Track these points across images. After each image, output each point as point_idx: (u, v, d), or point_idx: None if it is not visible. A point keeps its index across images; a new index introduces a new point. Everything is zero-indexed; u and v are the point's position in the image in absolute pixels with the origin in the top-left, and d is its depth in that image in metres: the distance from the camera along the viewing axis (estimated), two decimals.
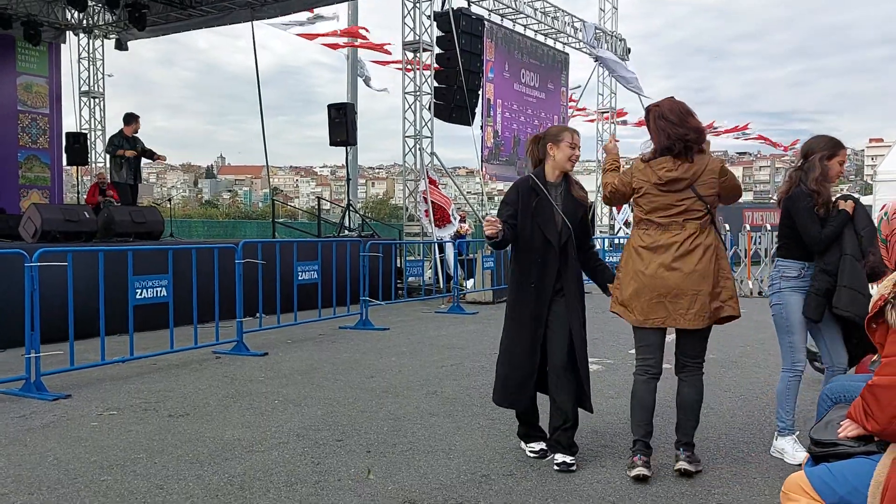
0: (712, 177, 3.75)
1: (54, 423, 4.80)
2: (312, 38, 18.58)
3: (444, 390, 5.78)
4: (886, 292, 2.03)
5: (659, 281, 3.72)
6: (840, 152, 4.05)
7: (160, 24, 16.65)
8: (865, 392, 2.08)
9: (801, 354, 4.15)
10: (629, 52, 20.72)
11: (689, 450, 3.88)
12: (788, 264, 4.16)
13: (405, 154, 13.88)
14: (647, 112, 3.86)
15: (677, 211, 3.75)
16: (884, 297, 2.03)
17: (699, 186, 3.74)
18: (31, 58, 16.62)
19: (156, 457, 4.11)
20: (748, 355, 7.31)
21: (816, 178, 3.97)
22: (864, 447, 2.09)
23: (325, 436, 4.52)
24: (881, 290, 2.05)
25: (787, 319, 4.13)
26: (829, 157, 4.02)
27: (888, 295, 2.03)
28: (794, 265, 4.13)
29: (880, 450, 2.04)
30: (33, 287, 5.46)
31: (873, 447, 2.07)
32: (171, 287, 6.82)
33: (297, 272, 8.67)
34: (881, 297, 2.04)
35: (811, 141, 4.17)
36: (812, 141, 4.16)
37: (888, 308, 2.02)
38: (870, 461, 2.03)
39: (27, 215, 9.10)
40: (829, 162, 4.01)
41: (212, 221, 40.51)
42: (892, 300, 2.01)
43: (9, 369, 6.04)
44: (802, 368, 4.16)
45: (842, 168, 4.05)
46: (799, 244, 4.09)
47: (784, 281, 4.15)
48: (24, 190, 16.46)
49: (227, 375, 6.31)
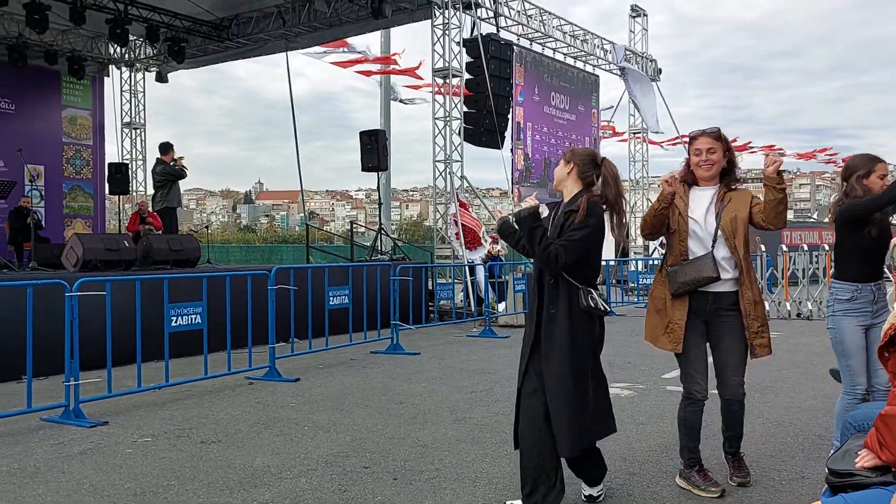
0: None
1: (91, 450, 4.93)
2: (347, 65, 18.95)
3: (472, 416, 5.79)
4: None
5: None
6: (877, 167, 4.00)
7: (198, 56, 17.16)
8: (878, 422, 2.06)
9: (860, 378, 4.05)
10: (660, 72, 20.68)
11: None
12: (841, 286, 4.09)
13: (435, 178, 14.02)
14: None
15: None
16: (893, 326, 2.01)
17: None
18: (75, 91, 17.24)
19: (187, 483, 4.19)
20: (784, 380, 7.18)
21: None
22: (881, 478, 2.06)
23: (353, 463, 4.57)
24: (891, 319, 2.03)
25: (841, 343, 4.07)
26: (866, 176, 3.98)
27: None
28: (847, 287, 4.05)
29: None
30: (73, 316, 5.64)
31: (890, 478, 2.05)
32: (206, 314, 6.97)
33: (329, 297, 8.78)
34: (891, 325, 2.02)
35: (847, 163, 4.14)
36: (848, 163, 4.13)
37: None
38: (886, 492, 2.01)
39: (69, 245, 9.39)
40: (867, 181, 3.97)
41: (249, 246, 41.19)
42: None
43: (50, 396, 6.21)
44: (863, 392, 4.07)
45: (884, 181, 3.99)
46: (852, 265, 4.02)
47: (837, 304, 4.08)
48: (68, 219, 17.00)
49: (259, 401, 6.41)
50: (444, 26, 13.67)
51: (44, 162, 16.41)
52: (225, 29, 16.03)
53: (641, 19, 20.40)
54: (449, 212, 13.70)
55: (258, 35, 15.98)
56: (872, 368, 4.01)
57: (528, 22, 15.81)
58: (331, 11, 14.77)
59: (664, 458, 4.59)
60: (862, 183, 3.95)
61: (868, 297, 3.99)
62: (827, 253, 14.08)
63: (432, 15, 13.78)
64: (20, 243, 12.96)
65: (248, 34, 16.00)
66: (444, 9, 13.63)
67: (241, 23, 15.99)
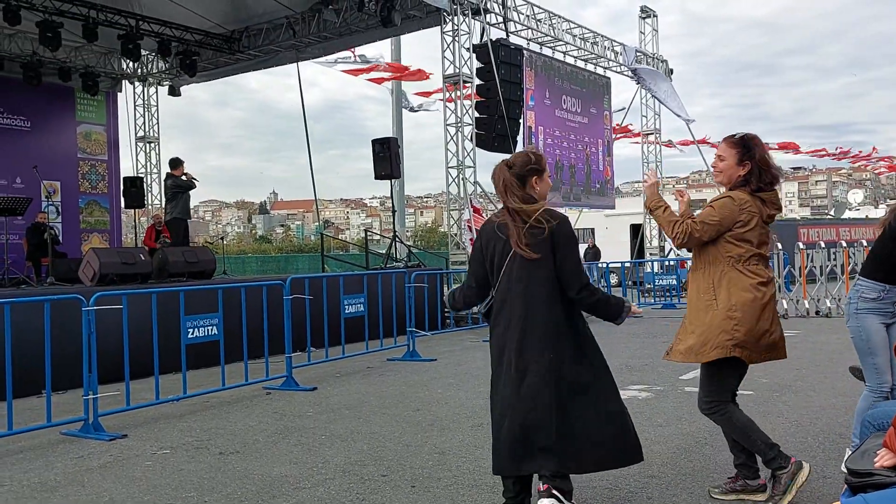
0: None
1: (111, 463, 4.96)
2: (358, 73, 19.07)
3: (489, 422, 5.75)
4: None
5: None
6: None
7: (210, 69, 17.32)
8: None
9: (886, 376, 4.00)
10: (671, 72, 20.60)
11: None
12: (869, 285, 4.02)
13: (448, 184, 14.03)
14: (752, 140, 3.83)
15: (768, 244, 3.85)
16: None
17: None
18: (89, 107, 17.44)
19: (206, 495, 4.21)
20: (803, 378, 7.10)
21: None
22: None
23: (371, 471, 4.56)
24: None
25: (867, 341, 4.01)
26: None
27: None
28: (876, 287, 3.99)
29: None
30: (90, 330, 5.69)
31: None
32: (222, 325, 7.01)
33: (344, 305, 8.80)
34: None
35: None
36: None
37: None
38: None
39: (86, 259, 9.49)
40: None
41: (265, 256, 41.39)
42: None
43: (69, 410, 6.26)
44: (888, 389, 4.02)
45: None
46: (886, 268, 3.96)
47: (862, 302, 4.02)
48: (85, 234, 17.17)
49: (277, 411, 6.43)
50: (453, 33, 13.69)
51: (60, 178, 16.61)
52: (236, 41, 16.16)
53: (651, 20, 20.34)
54: (463, 217, 13.70)
55: (269, 46, 16.09)
56: (894, 366, 3.96)
57: (538, 26, 15.80)
58: (340, 21, 14.84)
59: (683, 461, 4.55)
60: None
61: (893, 298, 3.95)
62: (845, 249, 13.94)
63: (441, 22, 13.81)
64: (38, 259, 13.10)
65: (259, 46, 16.12)
66: (453, 15, 13.65)
67: (252, 35, 16.12)
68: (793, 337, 10.36)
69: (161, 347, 6.46)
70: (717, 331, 3.64)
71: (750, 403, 6.15)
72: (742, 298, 3.64)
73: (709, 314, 3.68)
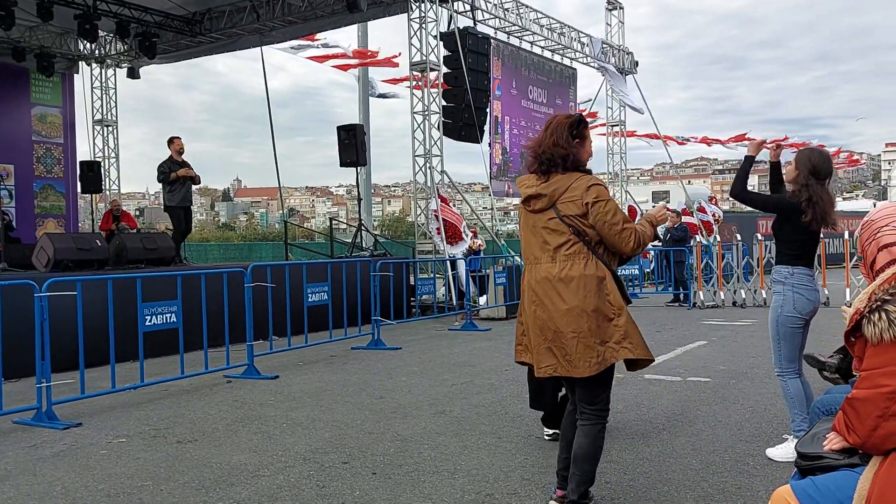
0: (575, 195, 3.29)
1: (64, 452, 4.85)
2: (323, 60, 18.85)
3: (452, 409, 5.78)
4: (862, 306, 2.03)
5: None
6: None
7: (171, 51, 16.95)
8: (845, 405, 2.08)
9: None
10: (637, 65, 20.78)
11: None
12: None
13: (416, 173, 13.96)
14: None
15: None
16: (860, 311, 2.02)
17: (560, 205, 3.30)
18: (44, 89, 16.97)
19: (162, 484, 4.14)
20: (759, 366, 7.25)
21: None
22: (848, 460, 2.08)
23: (332, 458, 4.54)
24: (857, 304, 2.04)
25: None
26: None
27: (864, 309, 2.02)
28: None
29: (863, 462, 2.03)
30: (43, 317, 5.54)
31: (857, 460, 2.06)
32: (181, 313, 6.89)
33: (308, 294, 8.72)
34: (857, 310, 2.04)
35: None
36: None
37: (864, 322, 2.01)
38: (853, 474, 2.02)
39: (40, 245, 9.24)
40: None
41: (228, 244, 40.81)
42: (868, 314, 2.01)
43: (22, 399, 6.11)
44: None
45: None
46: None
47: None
48: (39, 219, 16.74)
49: (237, 400, 6.35)
50: (420, 20, 13.59)
51: (14, 161, 16.15)
52: (197, 23, 15.85)
53: (618, 12, 20.45)
54: (430, 207, 13.66)
55: (231, 30, 15.81)
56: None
57: (505, 15, 15.78)
58: (305, 5, 14.65)
59: (640, 445, 4.61)
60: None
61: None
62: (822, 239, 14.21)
63: (409, 8, 13.69)
64: None
65: (222, 29, 15.82)
66: (420, 2, 13.56)
67: (214, 17, 15.82)
68: (749, 326, 10.55)
69: (118, 335, 6.32)
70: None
71: (707, 391, 6.26)
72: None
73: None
